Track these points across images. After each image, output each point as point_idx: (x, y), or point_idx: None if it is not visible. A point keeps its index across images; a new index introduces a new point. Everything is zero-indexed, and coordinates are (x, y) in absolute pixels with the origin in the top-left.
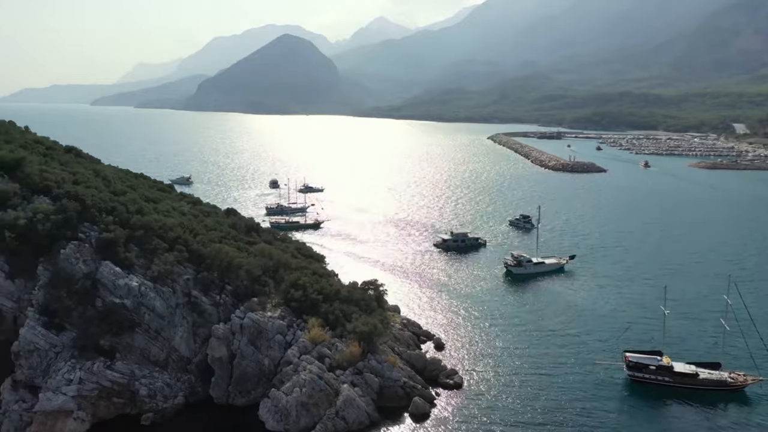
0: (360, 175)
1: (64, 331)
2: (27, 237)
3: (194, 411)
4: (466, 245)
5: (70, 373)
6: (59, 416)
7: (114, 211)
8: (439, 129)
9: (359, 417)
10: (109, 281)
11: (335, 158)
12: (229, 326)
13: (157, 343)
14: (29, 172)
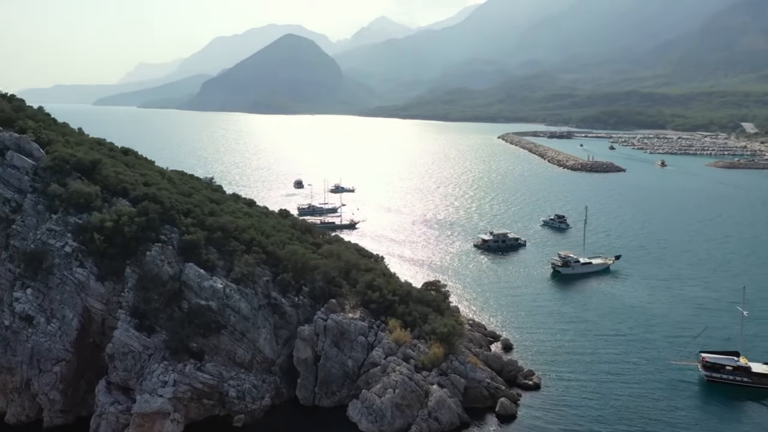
0: (383, 175)
1: (154, 333)
2: (114, 239)
3: (281, 412)
4: (506, 245)
5: (165, 375)
6: (156, 418)
7: (190, 213)
8: (447, 128)
9: (451, 418)
10: (194, 283)
11: (353, 158)
12: (312, 328)
13: (242, 345)
14: (106, 174)
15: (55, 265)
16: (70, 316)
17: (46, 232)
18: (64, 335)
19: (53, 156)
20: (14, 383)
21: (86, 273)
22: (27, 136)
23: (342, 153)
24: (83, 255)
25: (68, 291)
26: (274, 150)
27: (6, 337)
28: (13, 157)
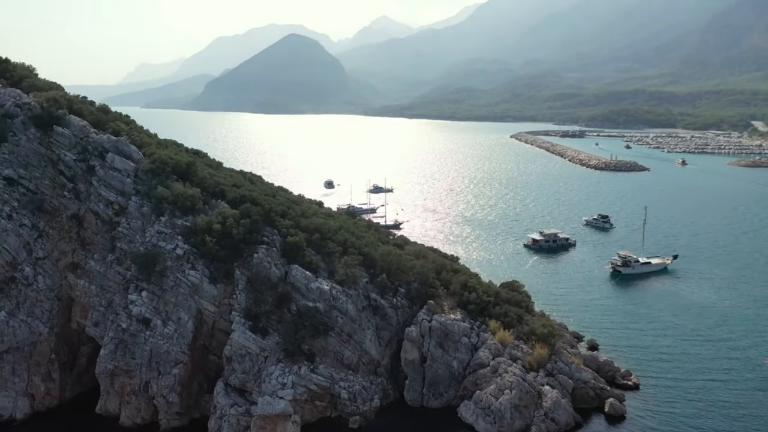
0: (411, 174)
1: (268, 335)
2: (223, 241)
3: (389, 413)
4: (557, 245)
5: (283, 377)
6: (278, 420)
7: (287, 215)
8: (456, 128)
9: (566, 419)
10: (302, 285)
11: (375, 159)
12: (418, 329)
13: (349, 347)
14: (202, 176)
15: (168, 268)
16: (185, 318)
17: (156, 235)
18: (181, 338)
19: (153, 158)
20: (132, 385)
21: (199, 275)
22: (124, 138)
23: (361, 153)
24: (195, 257)
25: (182, 293)
26: (292, 151)
27: (124, 340)
28: (114, 159)
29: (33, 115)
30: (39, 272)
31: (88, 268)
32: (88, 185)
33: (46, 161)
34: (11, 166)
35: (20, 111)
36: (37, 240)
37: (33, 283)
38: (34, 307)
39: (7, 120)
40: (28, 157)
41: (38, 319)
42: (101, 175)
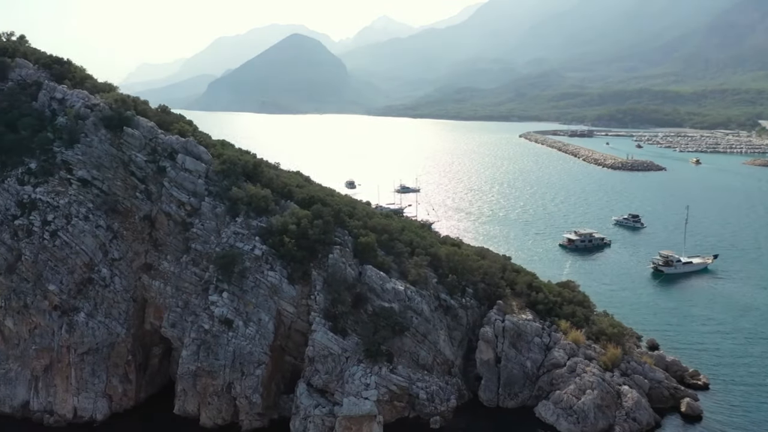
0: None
1: (347, 335)
2: (299, 242)
3: (466, 414)
4: (593, 245)
5: (366, 378)
6: (363, 421)
7: (353, 215)
8: (463, 128)
9: (647, 418)
10: (377, 285)
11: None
12: (492, 329)
13: (424, 347)
14: (270, 177)
15: (247, 269)
16: (266, 319)
17: (233, 236)
18: (262, 338)
19: (222, 159)
20: (215, 386)
21: (278, 276)
22: (192, 139)
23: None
24: (273, 258)
25: (262, 294)
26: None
27: (206, 341)
28: (185, 160)
29: (103, 116)
30: (115, 273)
31: (162, 269)
32: (159, 186)
33: (117, 162)
34: (85, 167)
35: (90, 112)
36: (112, 241)
37: (110, 285)
38: (111, 308)
39: (79, 121)
40: (101, 158)
41: (115, 320)
42: (172, 176)
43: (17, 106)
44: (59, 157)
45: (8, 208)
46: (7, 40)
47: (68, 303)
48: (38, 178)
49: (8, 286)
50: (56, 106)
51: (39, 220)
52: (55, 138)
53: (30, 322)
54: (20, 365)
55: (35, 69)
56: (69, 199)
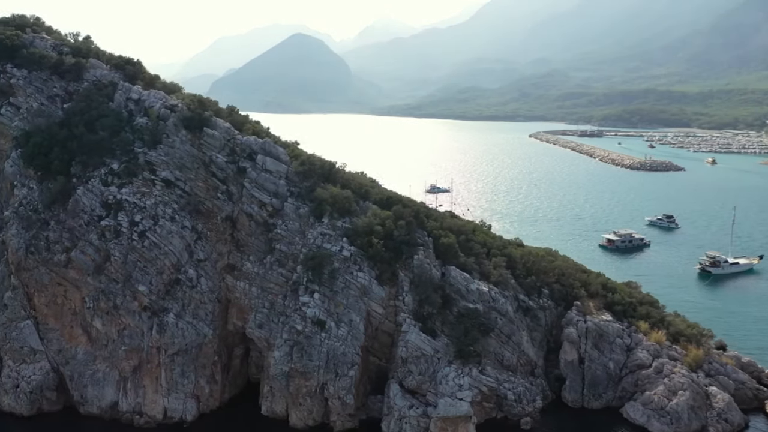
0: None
1: (436, 336)
2: (386, 243)
3: (552, 414)
4: (633, 246)
5: (459, 379)
6: (459, 422)
7: (430, 216)
8: (470, 128)
9: (738, 419)
10: (462, 286)
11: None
12: (575, 330)
13: (508, 348)
14: (348, 178)
15: (337, 270)
16: (356, 320)
17: (319, 237)
18: (354, 339)
19: (301, 160)
20: (308, 387)
21: (367, 277)
22: (270, 140)
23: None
24: (361, 259)
25: (352, 295)
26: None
27: (299, 342)
28: (265, 161)
29: (183, 116)
30: (201, 274)
31: (245, 269)
32: (239, 187)
33: (198, 163)
34: (168, 168)
35: (170, 113)
36: (196, 242)
37: (197, 285)
38: (198, 309)
39: (160, 122)
40: (183, 159)
41: (202, 321)
42: (253, 177)
43: (95, 107)
44: (142, 157)
45: (93, 208)
46: (75, 41)
47: (157, 304)
48: (122, 179)
49: (96, 286)
50: (133, 106)
51: (126, 220)
52: (135, 139)
53: (119, 322)
54: (108, 366)
55: (109, 69)
56: (155, 199)
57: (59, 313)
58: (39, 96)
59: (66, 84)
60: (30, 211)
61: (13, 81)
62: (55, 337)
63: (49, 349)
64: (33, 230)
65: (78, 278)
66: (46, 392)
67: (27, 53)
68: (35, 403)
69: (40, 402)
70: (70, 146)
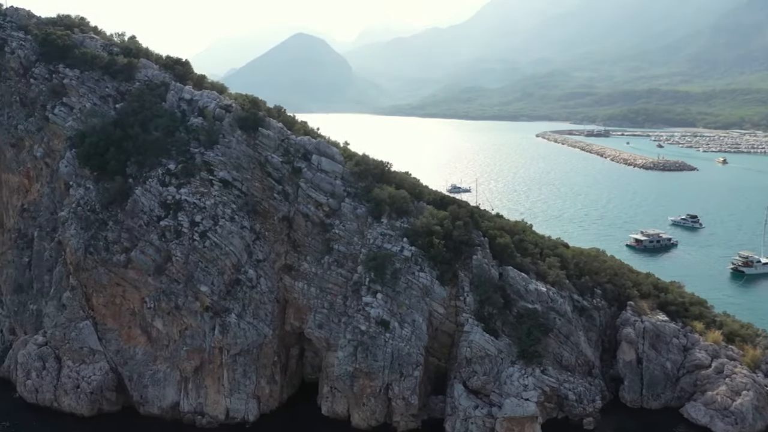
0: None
1: (498, 336)
2: (446, 243)
3: (612, 414)
4: (660, 245)
5: (523, 379)
6: (525, 422)
7: (483, 216)
8: (475, 127)
9: None
10: (520, 286)
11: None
12: (633, 330)
13: (567, 348)
14: (401, 178)
15: (399, 270)
16: (419, 320)
17: (379, 237)
18: (418, 339)
19: (356, 160)
20: (373, 388)
21: (429, 277)
22: (323, 140)
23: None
24: (422, 259)
25: (415, 296)
26: None
27: (363, 342)
28: (321, 161)
29: (238, 116)
30: (260, 274)
31: (303, 269)
32: (294, 187)
33: (254, 163)
34: (225, 168)
35: (225, 113)
36: (255, 242)
37: (256, 286)
38: (258, 309)
39: (216, 122)
40: (239, 159)
41: (262, 321)
42: (309, 177)
43: (148, 107)
44: (198, 158)
45: (152, 209)
46: (122, 41)
47: (219, 304)
48: (179, 179)
49: (156, 287)
50: (185, 106)
51: (187, 221)
52: (191, 139)
53: (181, 323)
54: (169, 366)
55: (159, 69)
56: (214, 200)
57: (117, 313)
58: (92, 96)
59: (118, 84)
60: (88, 211)
61: (65, 81)
62: (113, 337)
63: (108, 349)
64: (91, 230)
65: (138, 278)
66: (106, 392)
67: (79, 53)
68: (95, 404)
69: (100, 402)
70: (126, 146)
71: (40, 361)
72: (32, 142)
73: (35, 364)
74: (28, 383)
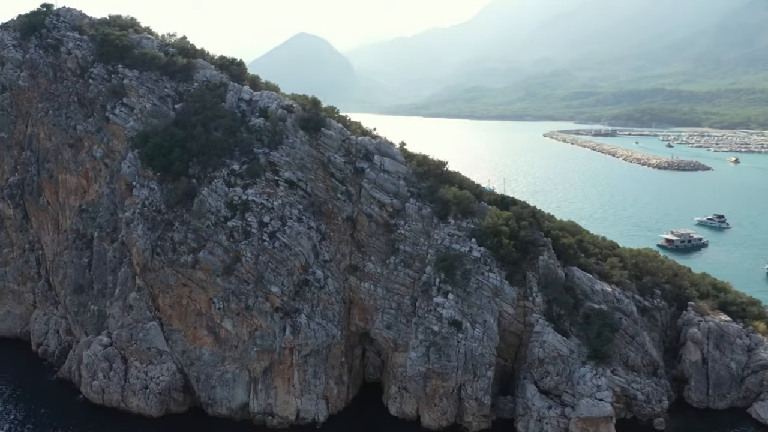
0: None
1: (568, 336)
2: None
3: (679, 415)
4: (691, 245)
5: (596, 380)
6: (600, 422)
7: (534, 216)
8: (481, 127)
9: None
10: (587, 287)
11: None
12: (698, 330)
13: (632, 348)
14: (461, 178)
15: (469, 271)
16: (490, 321)
17: (447, 237)
18: (489, 340)
19: (417, 160)
20: (446, 388)
21: (499, 278)
22: (384, 140)
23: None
24: (491, 259)
25: (485, 296)
26: None
27: (436, 343)
28: (384, 162)
29: (300, 117)
30: (327, 275)
31: (368, 270)
32: (357, 187)
33: (317, 164)
34: (290, 169)
35: (287, 113)
36: (321, 242)
37: (324, 286)
38: (327, 309)
39: (279, 123)
40: (303, 160)
41: (331, 322)
42: (372, 178)
43: (209, 107)
44: (263, 158)
45: (219, 209)
46: (175, 41)
47: (289, 305)
48: (245, 180)
49: (225, 287)
50: (245, 106)
51: (255, 221)
52: (253, 139)
53: (251, 323)
54: (238, 367)
55: (217, 70)
56: (281, 200)
57: (183, 314)
58: (151, 96)
59: (176, 84)
60: (154, 212)
61: (125, 81)
62: (179, 338)
63: (174, 350)
64: (158, 231)
65: (205, 279)
66: (174, 393)
67: (138, 53)
68: (164, 404)
69: (168, 403)
70: (190, 147)
71: (106, 361)
72: (91, 143)
73: (102, 365)
74: (95, 384)
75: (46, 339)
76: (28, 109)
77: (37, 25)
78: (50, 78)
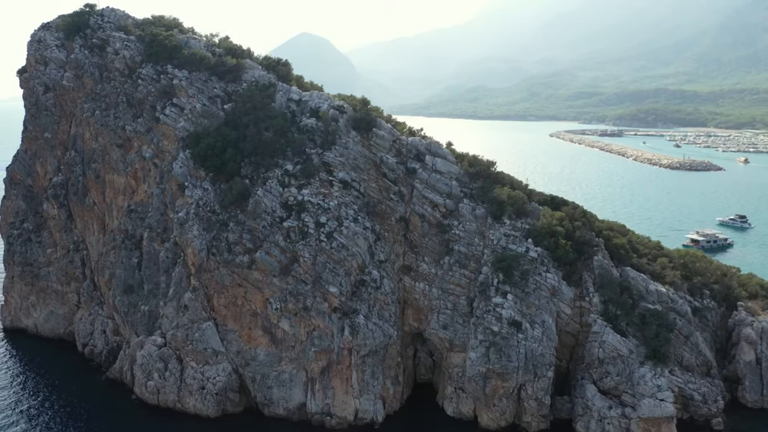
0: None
1: (626, 337)
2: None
3: (734, 415)
4: (717, 246)
5: (656, 380)
6: (662, 422)
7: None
8: (485, 127)
9: None
10: (641, 287)
11: None
12: (753, 330)
13: (687, 348)
14: (511, 179)
15: (527, 271)
16: (549, 321)
17: (503, 238)
18: (549, 340)
19: (469, 160)
20: (506, 388)
21: (556, 278)
22: (434, 140)
23: None
24: (547, 260)
25: (543, 296)
26: None
27: (496, 343)
28: (435, 162)
29: (352, 117)
30: (383, 275)
31: (421, 270)
32: (408, 188)
33: (370, 164)
34: (344, 169)
35: (338, 114)
36: (376, 243)
37: (380, 286)
38: (383, 310)
39: (332, 123)
40: (357, 160)
41: (387, 322)
42: (424, 178)
43: (260, 108)
44: (316, 158)
45: (274, 209)
46: (220, 41)
47: (346, 305)
48: (299, 180)
49: (282, 288)
50: (294, 107)
51: (312, 221)
52: (305, 139)
53: (309, 324)
54: (295, 367)
55: (264, 70)
56: (337, 201)
57: (238, 314)
58: (201, 97)
59: (225, 84)
60: (208, 212)
61: (175, 82)
62: (234, 338)
63: (229, 350)
64: (213, 231)
65: (262, 279)
66: (230, 393)
67: (187, 54)
68: (221, 405)
69: (225, 403)
70: (242, 147)
71: (161, 362)
72: (141, 143)
73: (157, 365)
74: (150, 384)
75: (93, 339)
76: (72, 109)
77: (82, 26)
78: (96, 78)
